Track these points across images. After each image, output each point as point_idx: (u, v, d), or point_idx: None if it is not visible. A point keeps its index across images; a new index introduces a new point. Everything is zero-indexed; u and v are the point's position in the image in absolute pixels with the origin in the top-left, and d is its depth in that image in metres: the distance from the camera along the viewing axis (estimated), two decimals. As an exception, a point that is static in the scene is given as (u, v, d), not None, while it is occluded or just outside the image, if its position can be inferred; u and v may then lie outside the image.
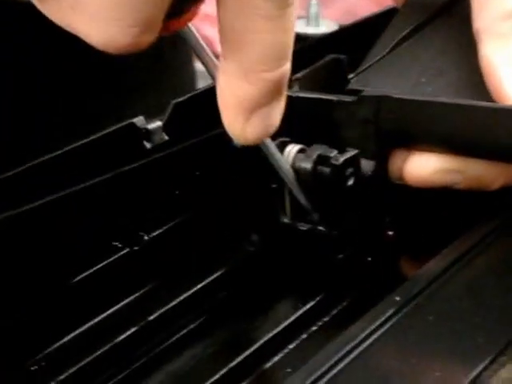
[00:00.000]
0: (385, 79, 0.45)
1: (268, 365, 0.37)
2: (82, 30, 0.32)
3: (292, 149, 0.42)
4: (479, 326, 0.35)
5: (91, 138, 0.42)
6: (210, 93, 0.37)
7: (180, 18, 0.34)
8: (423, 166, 0.42)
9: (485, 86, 0.43)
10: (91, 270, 0.41)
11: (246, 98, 0.35)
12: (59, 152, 0.41)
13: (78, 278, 0.41)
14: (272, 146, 0.41)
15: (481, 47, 0.43)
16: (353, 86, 0.45)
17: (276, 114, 0.36)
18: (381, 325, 0.35)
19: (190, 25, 0.36)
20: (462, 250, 0.39)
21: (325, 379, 0.33)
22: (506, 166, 0.42)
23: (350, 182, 0.41)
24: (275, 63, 0.34)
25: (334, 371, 0.34)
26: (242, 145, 0.37)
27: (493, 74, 0.42)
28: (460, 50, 0.46)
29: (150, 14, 0.32)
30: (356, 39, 0.52)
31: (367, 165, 0.42)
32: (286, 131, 0.43)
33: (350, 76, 0.47)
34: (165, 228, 0.44)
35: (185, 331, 0.40)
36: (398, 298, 0.37)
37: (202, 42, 0.37)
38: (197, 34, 0.36)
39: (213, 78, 0.36)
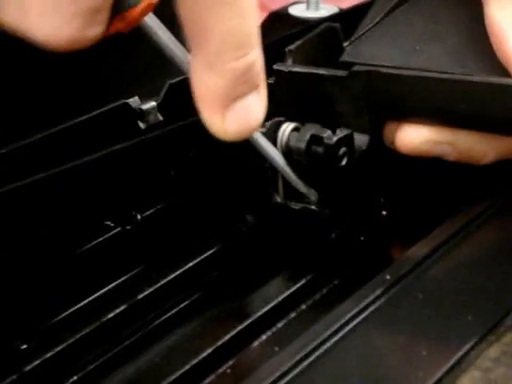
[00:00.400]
0: (378, 48, 0.45)
1: (255, 343, 0.37)
2: (28, 27, 0.31)
3: (286, 128, 0.42)
4: (468, 305, 0.35)
5: (85, 116, 0.42)
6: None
7: (132, 11, 0.33)
8: (414, 137, 0.42)
9: (481, 51, 0.42)
10: (82, 249, 0.41)
11: (217, 90, 0.35)
12: (53, 130, 0.41)
13: (69, 256, 0.41)
14: (260, 137, 0.40)
15: (487, 6, 0.42)
16: (345, 57, 0.45)
17: (255, 107, 0.36)
18: (369, 304, 0.36)
19: (154, 18, 0.35)
20: (452, 231, 0.39)
21: (312, 357, 0.33)
22: (498, 140, 0.42)
23: (344, 162, 0.41)
24: (238, 51, 0.34)
25: (322, 350, 0.34)
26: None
27: (500, 34, 0.41)
28: (455, 15, 0.45)
29: (93, 1, 0.31)
30: (356, 23, 0.52)
31: (361, 139, 0.42)
32: (279, 106, 0.44)
33: (345, 44, 0.47)
34: (158, 208, 0.44)
35: (175, 310, 0.40)
36: (387, 277, 0.37)
37: (169, 35, 0.36)
38: (163, 28, 0.36)
39: (185, 72, 0.36)
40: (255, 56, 0.35)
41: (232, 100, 0.35)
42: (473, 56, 0.42)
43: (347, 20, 0.53)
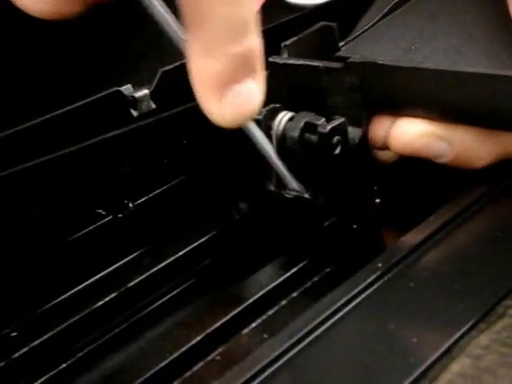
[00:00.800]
0: (375, 47, 0.45)
1: (245, 331, 0.37)
2: None
3: (283, 117, 0.42)
4: (459, 293, 0.35)
5: (77, 104, 0.42)
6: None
7: None
8: (410, 130, 0.41)
9: (478, 52, 0.42)
10: (74, 237, 0.41)
11: (214, 74, 0.35)
12: (45, 117, 0.41)
13: (60, 244, 0.41)
14: (254, 128, 0.40)
15: None
16: (342, 53, 0.45)
17: (252, 93, 0.36)
18: (360, 291, 0.36)
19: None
20: (445, 220, 0.39)
21: (301, 345, 0.33)
22: (495, 142, 0.42)
23: (337, 150, 0.41)
24: (236, 36, 0.34)
25: (311, 337, 0.34)
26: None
27: None
28: (453, 17, 0.45)
29: None
30: (350, 9, 0.52)
31: (354, 132, 0.42)
32: (274, 98, 0.44)
33: (341, 44, 0.47)
34: (150, 196, 0.44)
35: (165, 298, 0.40)
36: (379, 265, 0.37)
37: (170, 15, 0.36)
38: (163, 9, 0.36)
39: (181, 48, 0.36)
40: (253, 41, 0.35)
41: (229, 85, 0.35)
42: (470, 56, 0.42)
43: (343, 8, 0.53)
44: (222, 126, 0.37)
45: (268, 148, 0.41)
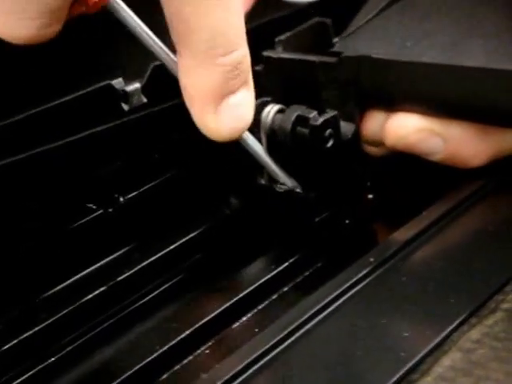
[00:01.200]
0: (369, 43, 0.45)
1: (236, 325, 0.37)
2: None
3: (271, 109, 0.42)
4: (451, 288, 0.35)
5: (68, 97, 0.42)
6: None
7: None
8: (404, 125, 0.41)
9: (473, 49, 0.42)
10: (64, 231, 0.41)
11: (207, 87, 0.35)
12: (36, 110, 0.41)
13: (50, 238, 0.41)
14: (247, 136, 0.40)
15: None
16: (336, 49, 0.45)
17: (246, 103, 0.37)
18: (352, 285, 0.36)
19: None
20: (437, 215, 0.39)
21: (292, 338, 0.33)
22: (490, 140, 0.42)
23: (329, 144, 0.41)
24: (227, 47, 0.35)
25: (302, 331, 0.34)
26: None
27: None
28: (447, 13, 0.45)
29: (53, 5, 0.32)
30: (344, 7, 0.52)
31: (347, 127, 0.42)
32: (266, 94, 0.44)
33: (335, 40, 0.47)
34: (141, 190, 0.44)
35: (157, 292, 0.40)
36: (371, 259, 0.37)
37: (143, 26, 0.37)
38: (136, 19, 0.37)
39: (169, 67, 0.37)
40: (244, 52, 0.36)
41: (223, 97, 0.36)
42: (466, 52, 0.42)
43: (338, 5, 0.53)
44: (218, 140, 0.37)
45: (259, 150, 0.41)
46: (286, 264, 0.40)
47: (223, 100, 0.36)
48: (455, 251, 0.38)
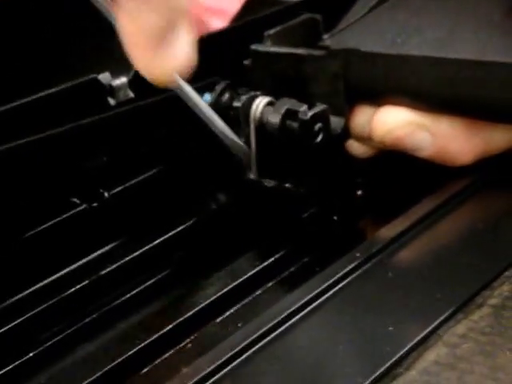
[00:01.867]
0: (358, 39, 0.45)
1: (219, 319, 0.37)
2: None
3: (260, 102, 0.42)
4: (438, 284, 0.35)
5: (53, 89, 0.42)
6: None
7: None
8: (392, 118, 0.41)
9: (464, 45, 0.42)
10: (46, 225, 0.41)
11: (151, 27, 0.35)
12: (21, 102, 0.41)
13: (32, 232, 0.41)
14: (187, 88, 0.40)
15: None
16: (326, 42, 0.45)
17: (185, 43, 0.36)
18: (338, 280, 0.36)
19: None
20: (425, 211, 0.39)
21: (276, 333, 0.34)
22: (478, 137, 0.42)
23: (319, 139, 0.41)
24: None
25: (287, 325, 0.34)
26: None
27: None
28: (438, 10, 0.46)
29: None
30: (334, 4, 0.52)
31: (336, 121, 0.42)
32: (256, 87, 0.44)
33: (325, 37, 0.47)
34: (126, 185, 0.44)
35: (140, 287, 0.40)
36: (358, 255, 0.37)
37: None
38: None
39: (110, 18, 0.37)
40: None
41: (163, 37, 0.35)
42: (456, 48, 0.42)
43: (329, 2, 0.53)
44: (156, 83, 0.37)
45: (204, 108, 0.41)
46: (272, 259, 0.40)
47: (163, 40, 0.35)
48: (442, 248, 0.38)
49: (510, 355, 0.31)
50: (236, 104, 0.42)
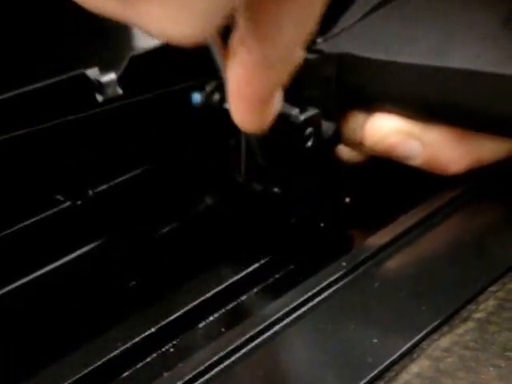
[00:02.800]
0: (352, 44, 0.46)
1: (202, 324, 0.37)
2: None
3: None
4: (424, 296, 0.36)
5: (38, 84, 0.43)
6: (169, 48, 0.37)
7: None
8: (384, 126, 0.42)
9: (459, 53, 0.43)
10: (29, 222, 0.42)
11: (268, 88, 0.32)
12: (5, 96, 0.41)
13: (14, 228, 0.41)
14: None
15: None
16: (319, 46, 0.46)
17: (278, 97, 0.34)
18: (323, 289, 0.36)
19: None
20: (413, 222, 0.40)
21: (259, 340, 0.34)
22: (469, 147, 0.43)
23: (310, 143, 0.42)
24: (305, 41, 0.31)
25: (270, 332, 0.35)
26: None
27: None
28: (433, 18, 0.46)
29: None
30: (328, 7, 0.52)
31: (328, 126, 0.43)
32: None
33: (319, 40, 0.48)
34: (111, 184, 0.44)
35: (123, 289, 0.41)
36: (344, 264, 0.38)
37: None
38: None
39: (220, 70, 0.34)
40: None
41: (274, 95, 0.33)
42: (451, 56, 0.43)
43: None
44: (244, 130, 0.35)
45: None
46: (257, 265, 0.40)
47: (273, 98, 0.33)
48: (429, 259, 0.38)
49: (493, 372, 0.32)
50: (226, 105, 0.43)
